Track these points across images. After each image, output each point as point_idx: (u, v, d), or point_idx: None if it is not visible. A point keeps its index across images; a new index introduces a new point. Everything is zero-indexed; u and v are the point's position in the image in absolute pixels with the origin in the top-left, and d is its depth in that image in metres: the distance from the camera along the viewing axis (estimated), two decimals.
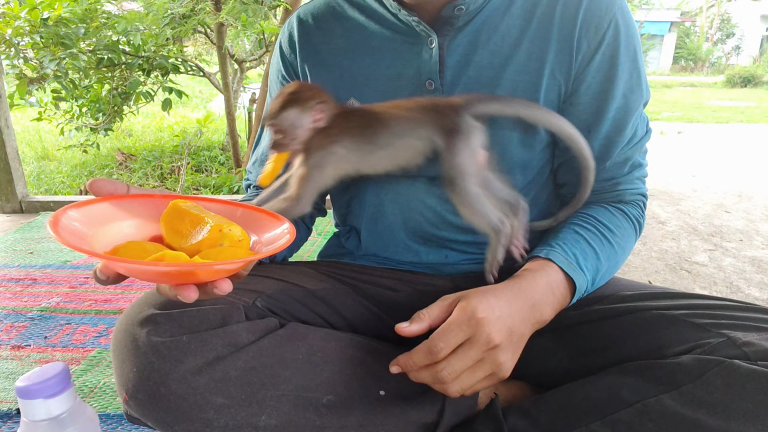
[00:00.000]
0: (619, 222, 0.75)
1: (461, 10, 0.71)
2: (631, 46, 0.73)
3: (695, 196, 2.86)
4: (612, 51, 0.71)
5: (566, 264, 0.68)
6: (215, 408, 0.56)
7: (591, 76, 0.72)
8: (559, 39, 0.71)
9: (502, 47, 0.72)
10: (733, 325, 0.60)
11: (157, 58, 2.79)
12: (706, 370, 0.55)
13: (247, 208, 0.61)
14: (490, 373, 0.60)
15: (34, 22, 2.31)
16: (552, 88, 0.73)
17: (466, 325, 0.58)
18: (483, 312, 0.59)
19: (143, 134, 4.64)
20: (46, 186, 3.19)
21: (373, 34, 0.78)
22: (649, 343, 0.65)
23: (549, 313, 0.66)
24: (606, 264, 0.72)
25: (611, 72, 0.72)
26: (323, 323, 0.74)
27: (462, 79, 0.74)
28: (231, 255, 0.52)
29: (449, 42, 0.73)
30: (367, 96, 0.79)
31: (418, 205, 0.80)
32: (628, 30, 0.72)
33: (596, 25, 0.71)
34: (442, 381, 0.58)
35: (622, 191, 0.77)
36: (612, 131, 0.74)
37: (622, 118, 0.74)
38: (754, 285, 1.71)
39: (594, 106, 0.73)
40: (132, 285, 1.58)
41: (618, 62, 0.72)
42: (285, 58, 0.86)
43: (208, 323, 0.59)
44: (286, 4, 2.77)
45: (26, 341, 1.25)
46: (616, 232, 0.73)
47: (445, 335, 0.59)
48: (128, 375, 0.58)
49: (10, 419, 0.99)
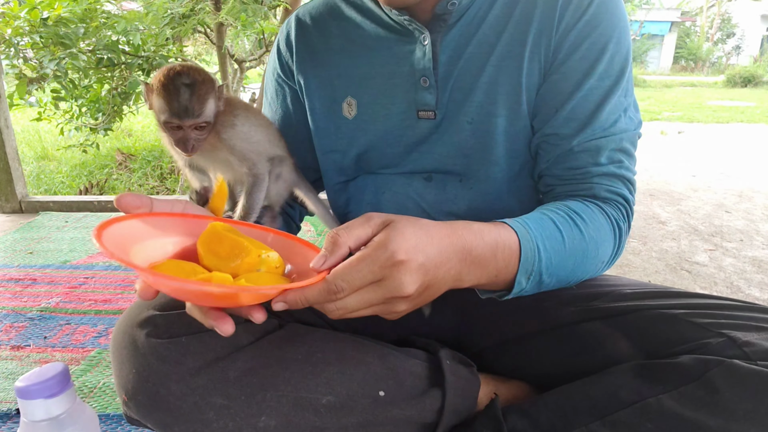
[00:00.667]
0: (592, 213, 0.69)
1: (454, 6, 0.71)
2: (615, 30, 0.70)
3: (695, 196, 2.85)
4: (590, 29, 0.70)
5: (521, 229, 0.61)
6: (215, 409, 0.56)
7: (566, 51, 0.70)
8: (540, 19, 0.71)
9: (489, 36, 0.73)
10: (733, 324, 0.60)
11: (156, 58, 2.78)
12: (707, 370, 0.55)
13: (279, 234, 0.62)
14: (378, 313, 0.53)
15: (33, 22, 2.31)
16: (532, 71, 0.72)
17: (380, 267, 0.50)
18: (405, 254, 0.49)
19: (143, 134, 4.64)
20: (46, 186, 3.19)
21: (369, 33, 0.78)
22: (648, 342, 0.65)
23: (476, 277, 0.57)
24: (571, 251, 0.65)
25: (588, 50, 0.70)
26: (322, 323, 0.74)
27: (453, 72, 0.74)
28: (268, 281, 0.53)
29: (442, 38, 0.74)
30: (363, 95, 0.79)
31: (415, 204, 0.80)
32: (613, 11, 0.70)
33: (577, 3, 0.70)
34: (326, 311, 0.52)
35: (595, 184, 0.72)
36: (581, 110, 0.71)
37: (596, 99, 0.70)
38: (755, 285, 1.71)
39: (567, 81, 0.71)
40: (132, 285, 1.58)
41: (596, 41, 0.70)
42: (281, 57, 0.86)
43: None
44: (286, 4, 2.77)
45: (26, 341, 1.25)
46: (587, 222, 0.68)
47: (350, 274, 0.50)
48: (128, 376, 0.58)
49: (10, 419, 0.99)
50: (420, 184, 0.79)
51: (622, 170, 0.73)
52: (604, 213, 0.71)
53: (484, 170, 0.77)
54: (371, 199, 0.83)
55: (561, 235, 0.65)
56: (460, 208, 0.79)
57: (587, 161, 0.72)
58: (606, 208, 0.71)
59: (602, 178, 0.72)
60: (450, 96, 0.75)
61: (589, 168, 0.72)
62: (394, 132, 0.79)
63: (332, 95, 0.82)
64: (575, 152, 0.72)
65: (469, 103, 0.74)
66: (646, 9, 21.10)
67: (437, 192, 0.79)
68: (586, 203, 0.71)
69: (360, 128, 0.80)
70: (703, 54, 21.36)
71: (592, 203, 0.71)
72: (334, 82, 0.81)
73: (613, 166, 0.72)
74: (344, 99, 0.81)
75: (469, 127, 0.75)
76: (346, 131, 0.82)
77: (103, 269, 1.70)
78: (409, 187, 0.80)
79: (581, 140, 0.71)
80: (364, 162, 0.83)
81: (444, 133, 0.76)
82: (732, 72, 14.14)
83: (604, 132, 0.71)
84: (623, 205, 0.73)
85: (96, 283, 1.60)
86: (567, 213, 0.67)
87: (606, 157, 0.72)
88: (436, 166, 0.78)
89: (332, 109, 0.82)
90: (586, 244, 0.67)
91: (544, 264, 0.63)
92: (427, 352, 0.72)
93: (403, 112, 0.77)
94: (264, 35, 2.95)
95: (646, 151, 4.38)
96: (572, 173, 0.73)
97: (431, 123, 0.77)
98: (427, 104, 0.76)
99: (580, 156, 0.72)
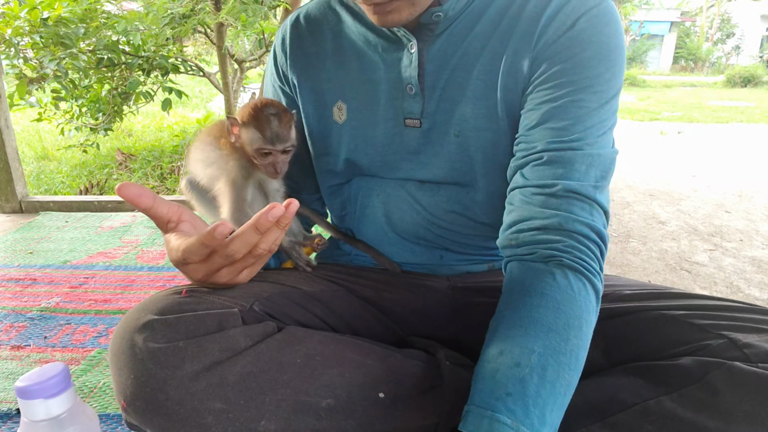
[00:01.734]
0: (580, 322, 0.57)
1: (439, 17, 0.71)
2: (602, 44, 0.66)
3: (695, 196, 2.86)
4: (575, 44, 0.66)
5: None
6: (214, 413, 0.56)
7: (547, 65, 0.67)
8: (521, 35, 0.69)
9: (474, 48, 0.72)
10: (733, 326, 0.60)
11: (157, 58, 2.79)
12: (707, 372, 0.55)
13: None
14: None
15: (34, 22, 2.31)
16: (508, 86, 0.70)
17: None
18: None
19: (143, 134, 4.64)
20: (46, 186, 3.19)
21: (360, 37, 0.78)
22: (648, 343, 0.65)
23: None
24: (561, 394, 0.54)
25: (575, 65, 0.66)
26: (321, 325, 0.74)
27: (439, 83, 0.74)
28: None
29: (428, 47, 0.73)
30: (351, 100, 0.79)
31: (409, 207, 0.80)
32: (602, 29, 0.66)
33: (562, 20, 0.67)
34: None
35: (562, 213, 0.61)
36: (558, 119, 0.65)
37: (578, 113, 0.65)
38: (754, 285, 1.71)
39: (547, 95, 0.67)
40: (132, 285, 1.58)
41: (582, 56, 0.66)
42: (276, 61, 0.87)
43: (205, 328, 0.59)
44: (286, 4, 2.77)
45: (26, 341, 1.25)
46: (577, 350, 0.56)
47: None
48: (126, 382, 0.58)
49: (10, 419, 0.99)
50: (414, 187, 0.80)
51: (597, 194, 0.63)
52: (580, 301, 0.59)
53: (475, 181, 0.77)
54: (365, 201, 0.84)
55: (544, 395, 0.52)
56: (456, 210, 0.79)
57: (558, 173, 0.63)
58: (580, 286, 0.60)
59: (571, 201, 0.62)
60: (438, 106, 0.74)
61: (560, 183, 0.62)
62: (382, 138, 0.79)
63: (323, 99, 0.82)
64: (545, 161, 0.64)
65: (456, 116, 0.74)
66: (646, 9, 21.08)
67: (431, 194, 0.79)
68: (545, 287, 0.59)
69: (349, 133, 0.80)
70: (703, 54, 21.35)
71: (565, 284, 0.59)
72: (324, 86, 0.81)
73: (590, 187, 0.63)
74: (334, 103, 0.81)
75: (456, 140, 0.75)
76: (336, 135, 0.82)
77: (103, 269, 1.70)
78: (403, 189, 0.80)
79: (554, 145, 0.64)
80: (355, 166, 0.83)
81: (433, 144, 0.76)
82: (732, 72, 14.13)
83: (583, 145, 0.64)
84: (594, 243, 0.62)
85: (96, 283, 1.60)
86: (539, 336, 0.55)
87: (582, 173, 0.63)
88: (427, 175, 0.79)
89: (323, 113, 0.82)
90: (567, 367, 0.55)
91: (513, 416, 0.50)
92: (427, 353, 0.72)
93: (391, 119, 0.77)
94: (264, 35, 2.95)
95: (645, 151, 4.38)
96: (540, 189, 0.64)
97: (418, 132, 0.76)
98: (413, 112, 0.76)
99: (551, 166, 0.64)
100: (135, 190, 0.60)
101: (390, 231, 0.83)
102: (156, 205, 0.62)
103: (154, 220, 0.64)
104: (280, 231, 0.59)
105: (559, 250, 0.61)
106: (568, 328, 0.56)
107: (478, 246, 0.84)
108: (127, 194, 0.59)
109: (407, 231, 0.82)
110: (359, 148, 0.80)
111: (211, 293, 0.65)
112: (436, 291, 0.83)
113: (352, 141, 0.81)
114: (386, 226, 0.83)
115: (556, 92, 0.66)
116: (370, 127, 0.79)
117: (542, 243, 0.62)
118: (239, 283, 0.66)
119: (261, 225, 0.56)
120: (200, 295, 0.64)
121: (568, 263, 0.60)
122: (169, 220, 0.64)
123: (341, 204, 0.88)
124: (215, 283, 0.65)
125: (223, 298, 0.64)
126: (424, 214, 0.80)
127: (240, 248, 0.58)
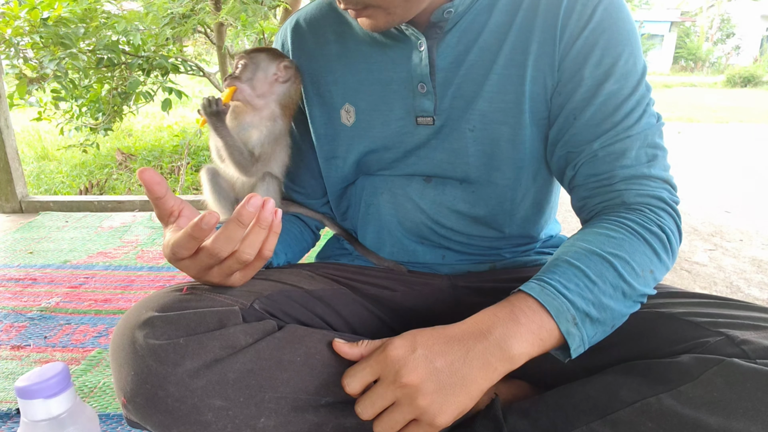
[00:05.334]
0: (611, 228, 0.64)
1: (450, 13, 0.71)
2: (623, 32, 0.70)
3: (695, 196, 2.86)
4: (598, 35, 0.69)
5: (530, 286, 0.59)
6: (213, 410, 0.56)
7: (577, 60, 0.70)
8: (542, 28, 0.70)
9: (491, 43, 0.72)
10: (732, 323, 0.60)
11: (157, 58, 2.79)
12: (706, 369, 0.55)
13: None
14: (414, 417, 0.55)
15: (34, 22, 2.31)
16: (537, 80, 0.72)
17: (375, 361, 0.57)
18: (395, 349, 0.56)
19: (143, 134, 4.64)
20: (46, 186, 3.19)
21: (366, 38, 0.78)
22: (647, 341, 0.65)
23: (519, 347, 0.56)
24: (599, 276, 0.60)
25: (602, 55, 0.69)
26: (322, 324, 0.74)
27: (454, 79, 0.74)
28: None
29: (438, 44, 0.73)
30: (359, 102, 0.79)
31: (414, 206, 0.80)
32: (618, 15, 0.70)
33: (579, 12, 0.69)
34: (359, 415, 0.57)
35: (622, 191, 0.68)
36: (600, 114, 0.69)
37: (615, 102, 0.69)
38: (754, 285, 1.71)
39: (583, 89, 0.70)
40: (132, 285, 1.58)
41: (608, 45, 0.69)
42: None
43: (205, 325, 0.59)
44: (286, 4, 2.77)
45: (26, 341, 1.26)
46: (607, 237, 0.63)
47: (354, 371, 0.59)
48: (126, 378, 0.58)
49: (10, 419, 0.99)
50: (419, 185, 0.79)
51: (653, 169, 0.69)
52: (627, 223, 0.64)
53: (486, 176, 0.77)
54: (369, 199, 0.83)
55: (579, 270, 0.60)
56: (460, 209, 0.79)
57: (613, 165, 0.69)
58: (632, 216, 0.65)
59: (629, 183, 0.68)
60: (451, 103, 0.74)
61: (615, 171, 0.68)
62: (393, 138, 0.78)
63: (330, 102, 0.82)
64: (599, 157, 0.69)
65: (472, 111, 0.74)
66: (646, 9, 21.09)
67: (436, 193, 0.79)
68: (610, 219, 0.66)
69: (359, 135, 0.80)
70: (703, 54, 21.36)
71: (617, 217, 0.66)
72: (331, 88, 0.81)
73: (643, 167, 0.69)
74: (342, 106, 0.81)
75: (471, 135, 0.75)
76: (345, 138, 0.82)
77: (103, 269, 1.70)
78: (408, 187, 0.80)
79: (603, 143, 0.69)
80: (363, 166, 0.83)
81: (444, 140, 0.76)
82: (732, 72, 14.14)
83: (628, 132, 0.69)
84: (659, 207, 0.67)
85: (96, 283, 1.60)
86: (576, 243, 0.64)
87: (633, 158, 0.68)
88: (435, 170, 0.78)
89: (331, 117, 0.82)
90: (618, 274, 0.60)
91: (579, 302, 0.58)
92: None
93: (402, 118, 0.77)
94: (264, 35, 2.95)
95: None
96: (599, 180, 0.70)
97: (431, 129, 0.76)
98: (426, 110, 0.75)
99: (605, 160, 0.69)
100: (155, 177, 0.60)
101: (393, 230, 0.83)
102: (167, 197, 0.62)
103: (160, 212, 0.63)
104: (263, 232, 0.58)
105: (623, 216, 0.66)
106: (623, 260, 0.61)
107: (480, 246, 0.84)
108: (146, 178, 0.59)
109: (411, 230, 0.82)
110: (369, 149, 0.80)
111: (212, 291, 0.65)
112: (437, 290, 0.83)
113: (362, 143, 0.80)
114: (390, 225, 0.83)
115: (589, 87, 0.70)
116: (380, 127, 0.79)
117: (607, 211, 0.69)
118: (234, 286, 0.66)
119: (242, 216, 0.56)
120: (201, 293, 0.64)
121: (635, 219, 0.65)
122: (171, 214, 0.64)
123: (346, 203, 0.88)
124: (209, 282, 0.65)
125: (223, 296, 0.64)
126: (429, 213, 0.80)
127: (223, 245, 0.57)
